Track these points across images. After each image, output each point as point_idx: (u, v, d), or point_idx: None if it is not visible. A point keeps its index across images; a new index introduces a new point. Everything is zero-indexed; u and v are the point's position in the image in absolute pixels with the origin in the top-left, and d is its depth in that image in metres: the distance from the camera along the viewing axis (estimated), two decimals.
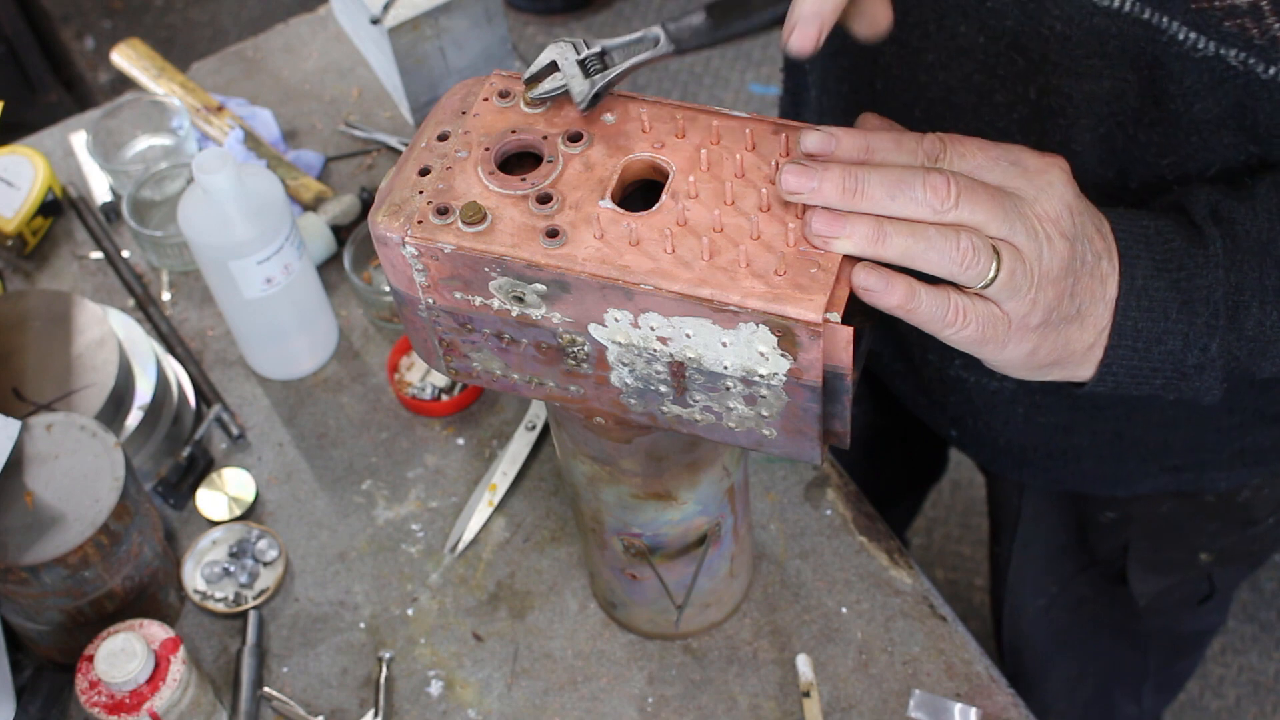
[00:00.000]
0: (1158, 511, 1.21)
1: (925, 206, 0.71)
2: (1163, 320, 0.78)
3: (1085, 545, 1.29)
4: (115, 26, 2.99)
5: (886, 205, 0.71)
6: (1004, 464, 1.22)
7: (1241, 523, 1.22)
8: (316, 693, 1.11)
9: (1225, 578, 1.31)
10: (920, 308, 0.72)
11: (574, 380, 0.81)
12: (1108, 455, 1.12)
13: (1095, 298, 0.77)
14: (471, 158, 0.78)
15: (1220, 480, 1.15)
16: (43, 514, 1.02)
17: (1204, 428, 1.07)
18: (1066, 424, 1.09)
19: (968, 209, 0.71)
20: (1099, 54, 0.83)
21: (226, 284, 1.18)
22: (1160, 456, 1.11)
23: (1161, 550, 1.26)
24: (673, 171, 0.76)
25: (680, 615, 1.03)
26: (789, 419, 0.77)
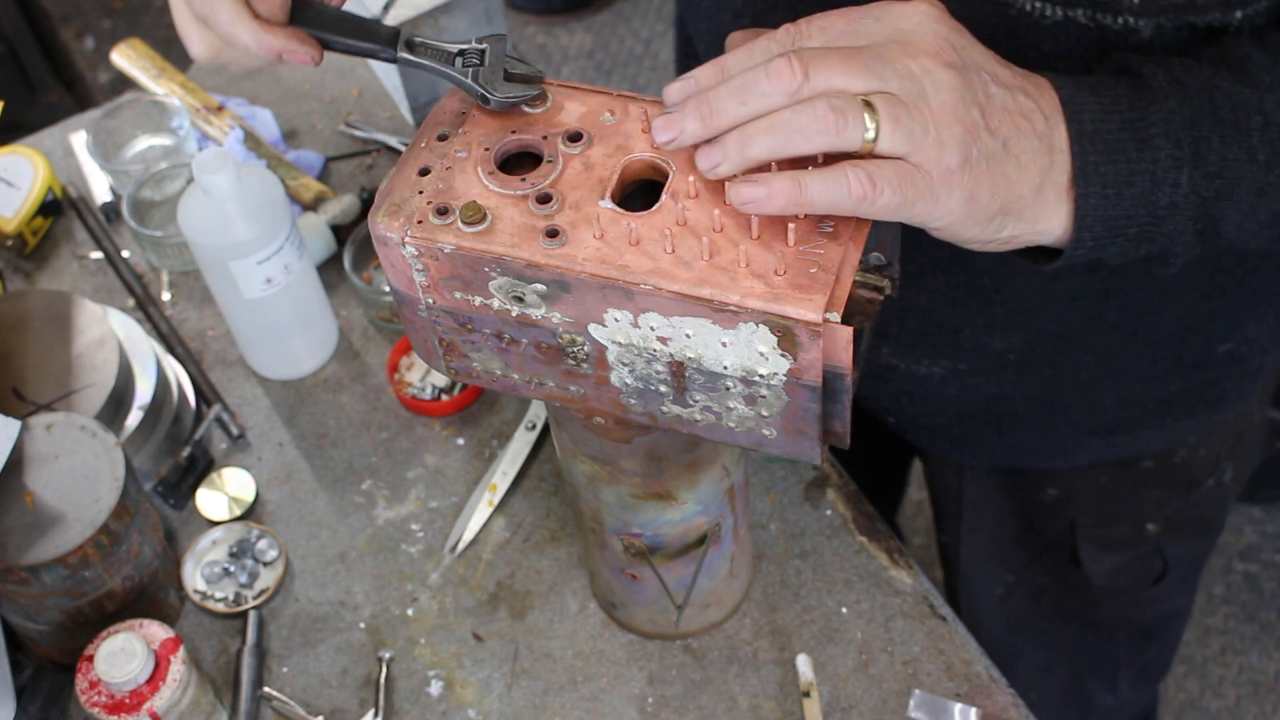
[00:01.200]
0: (1098, 483, 1.21)
1: (777, 95, 0.70)
2: (1124, 160, 0.75)
3: (1033, 530, 1.29)
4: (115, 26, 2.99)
5: (741, 112, 0.70)
6: (943, 445, 1.22)
7: (1183, 487, 1.22)
8: (316, 693, 1.11)
9: (1177, 552, 1.30)
10: (813, 195, 0.70)
11: (574, 380, 0.81)
12: (1041, 420, 1.12)
13: (1024, 133, 0.74)
14: (471, 158, 0.78)
15: (1154, 440, 1.15)
16: (43, 514, 1.02)
17: (1129, 380, 1.07)
18: (999, 392, 1.09)
19: (821, 77, 0.69)
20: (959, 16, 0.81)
21: (226, 284, 1.18)
22: (1092, 416, 1.11)
23: (1108, 525, 1.25)
24: (672, 171, 0.76)
25: (680, 615, 1.03)
26: (789, 419, 0.77)
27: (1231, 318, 1.05)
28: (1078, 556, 1.27)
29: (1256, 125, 0.76)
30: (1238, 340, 1.07)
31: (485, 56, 0.80)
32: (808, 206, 0.70)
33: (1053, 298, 1.01)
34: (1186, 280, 1.00)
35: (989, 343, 1.04)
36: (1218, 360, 1.08)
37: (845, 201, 0.70)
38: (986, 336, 1.04)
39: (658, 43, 2.97)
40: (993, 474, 1.27)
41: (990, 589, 1.38)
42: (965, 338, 1.04)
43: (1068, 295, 1.01)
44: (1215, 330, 1.05)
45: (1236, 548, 2.26)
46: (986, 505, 1.31)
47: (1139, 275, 0.99)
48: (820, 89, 0.70)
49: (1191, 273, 1.00)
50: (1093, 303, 1.01)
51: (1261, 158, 0.76)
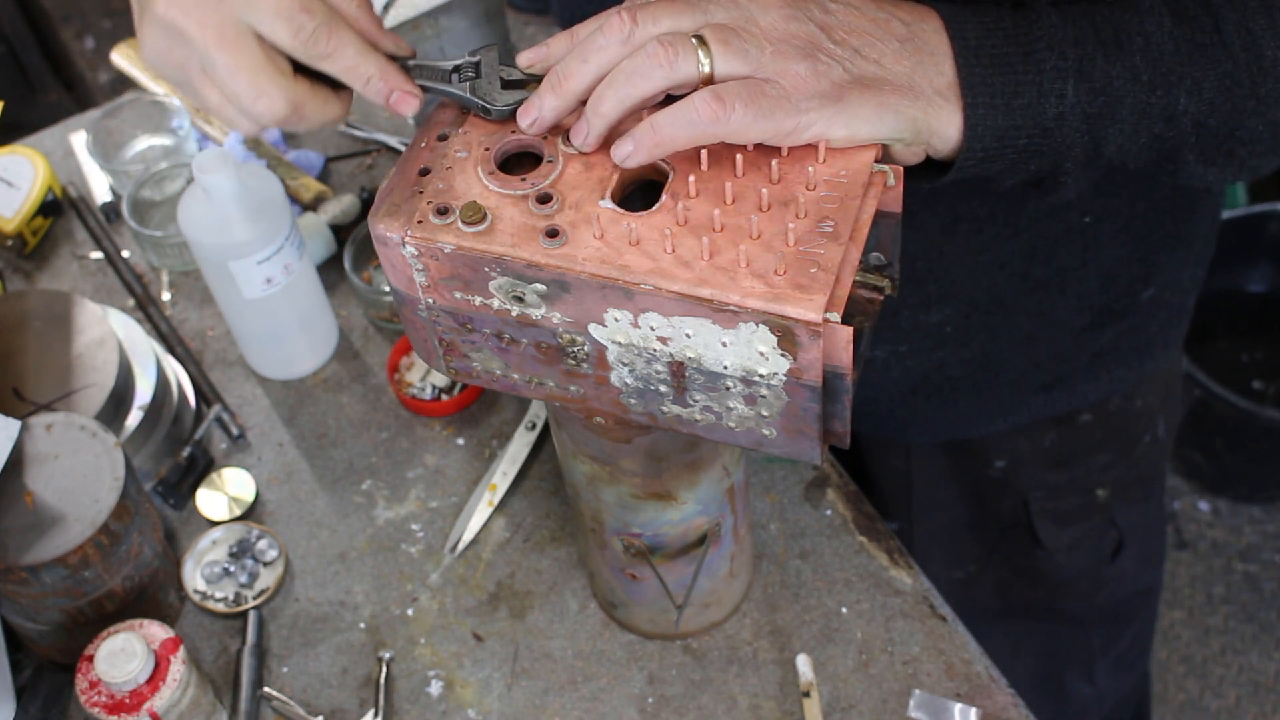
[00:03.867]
0: (1042, 448, 1.23)
1: (613, 47, 0.74)
2: (1010, 72, 0.77)
3: (986, 512, 1.30)
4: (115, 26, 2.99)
5: (586, 69, 0.74)
6: (888, 427, 1.24)
7: (1124, 445, 1.25)
8: (316, 693, 1.11)
9: (1129, 519, 1.32)
10: (668, 129, 0.73)
11: (574, 380, 0.81)
12: (982, 385, 1.14)
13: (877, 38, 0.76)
14: (471, 158, 0.78)
15: (1090, 392, 1.17)
16: (43, 514, 1.02)
17: (1061, 333, 1.10)
18: (938, 362, 1.12)
19: (649, 22, 0.73)
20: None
21: (226, 284, 1.18)
22: (1030, 374, 1.14)
23: (1059, 496, 1.27)
24: (672, 171, 0.76)
25: (680, 615, 1.03)
26: (789, 419, 0.77)
27: (1151, 263, 1.08)
28: (1036, 535, 1.29)
29: (1139, 46, 0.77)
30: (1159, 285, 1.10)
31: (480, 68, 0.80)
32: (670, 140, 0.73)
33: (983, 267, 1.04)
34: (1105, 231, 1.03)
35: (925, 319, 1.07)
36: (1143, 306, 1.11)
37: (699, 125, 0.73)
38: (923, 314, 1.07)
39: None
40: (939, 452, 1.28)
41: (949, 574, 1.38)
42: (903, 318, 1.07)
43: (996, 262, 1.03)
44: (1137, 276, 1.08)
45: (1236, 548, 2.26)
46: (936, 486, 1.32)
47: (1061, 232, 1.02)
48: (650, 33, 0.73)
49: (1109, 224, 1.03)
50: (1020, 265, 1.04)
51: (1144, 77, 0.78)
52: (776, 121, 0.73)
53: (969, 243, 1.02)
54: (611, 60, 0.74)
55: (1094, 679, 1.47)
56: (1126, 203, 1.03)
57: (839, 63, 0.74)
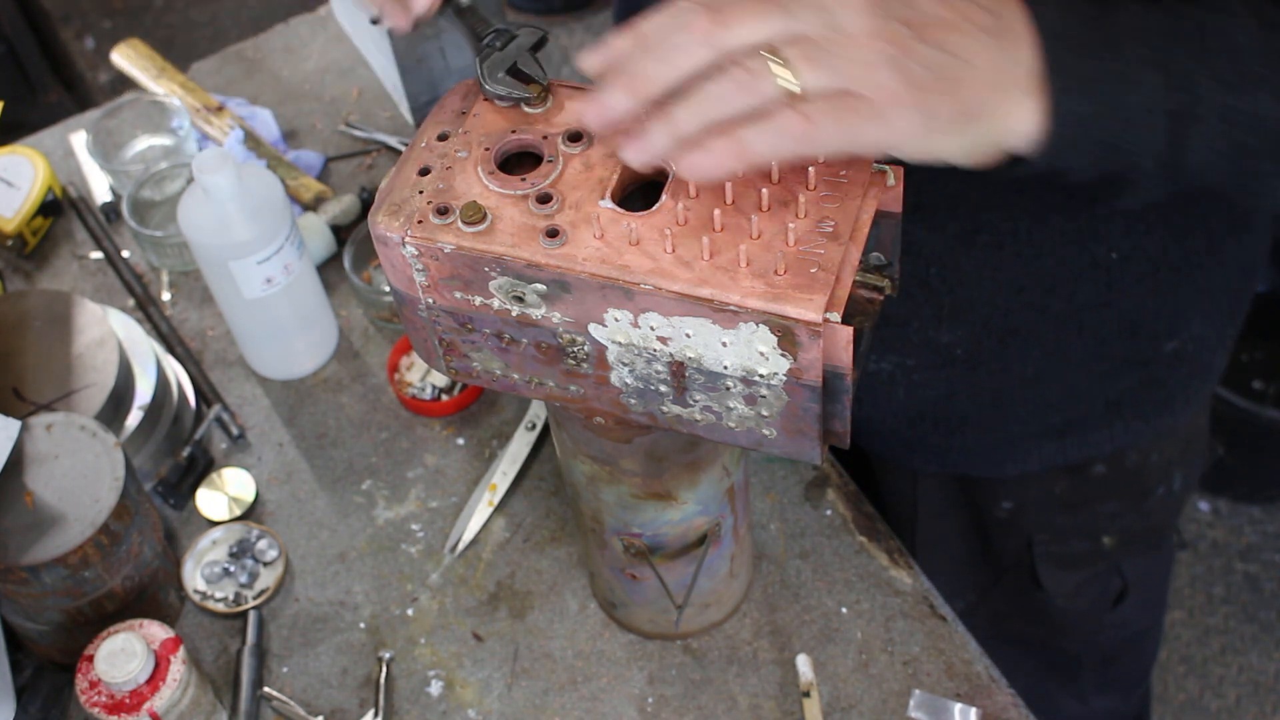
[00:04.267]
0: (1051, 494, 1.20)
1: (694, 50, 0.68)
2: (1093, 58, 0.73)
3: (990, 549, 1.29)
4: (115, 26, 2.99)
5: (664, 73, 0.69)
6: (895, 449, 1.22)
7: (1136, 496, 1.22)
8: (316, 693, 1.11)
9: (1135, 569, 1.30)
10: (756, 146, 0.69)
11: (574, 380, 0.81)
12: (991, 421, 1.12)
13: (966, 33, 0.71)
14: (471, 157, 0.78)
15: (1104, 442, 1.14)
16: (43, 514, 1.02)
17: (1075, 378, 1.07)
18: (947, 391, 1.09)
19: (739, 25, 0.68)
20: None
21: (226, 284, 1.18)
22: (1039, 415, 1.11)
23: (1065, 541, 1.25)
24: (672, 171, 0.76)
25: (680, 615, 1.03)
26: (789, 419, 0.77)
27: (1177, 315, 1.05)
28: (1037, 577, 1.26)
29: (1222, 46, 0.74)
30: (1184, 338, 1.07)
31: (506, 45, 0.80)
32: (750, 156, 0.69)
33: (1000, 288, 1.01)
34: (1131, 274, 1.00)
35: (936, 336, 1.05)
36: (1165, 358, 1.08)
37: (787, 143, 0.69)
38: (934, 330, 1.05)
39: None
40: (947, 485, 1.26)
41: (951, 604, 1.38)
42: (913, 330, 1.05)
43: (1014, 285, 1.01)
44: (1161, 327, 1.05)
45: (1236, 548, 2.26)
46: (941, 518, 1.30)
47: (1086, 265, 0.99)
48: (733, 39, 0.68)
49: (1136, 266, 1.00)
50: (1039, 294, 1.02)
51: (1228, 78, 0.74)
52: (864, 137, 0.70)
53: (987, 257, 0.99)
54: (693, 65, 0.68)
55: (1085, 698, 1.46)
56: (1157, 246, 0.99)
57: (930, 70, 0.70)
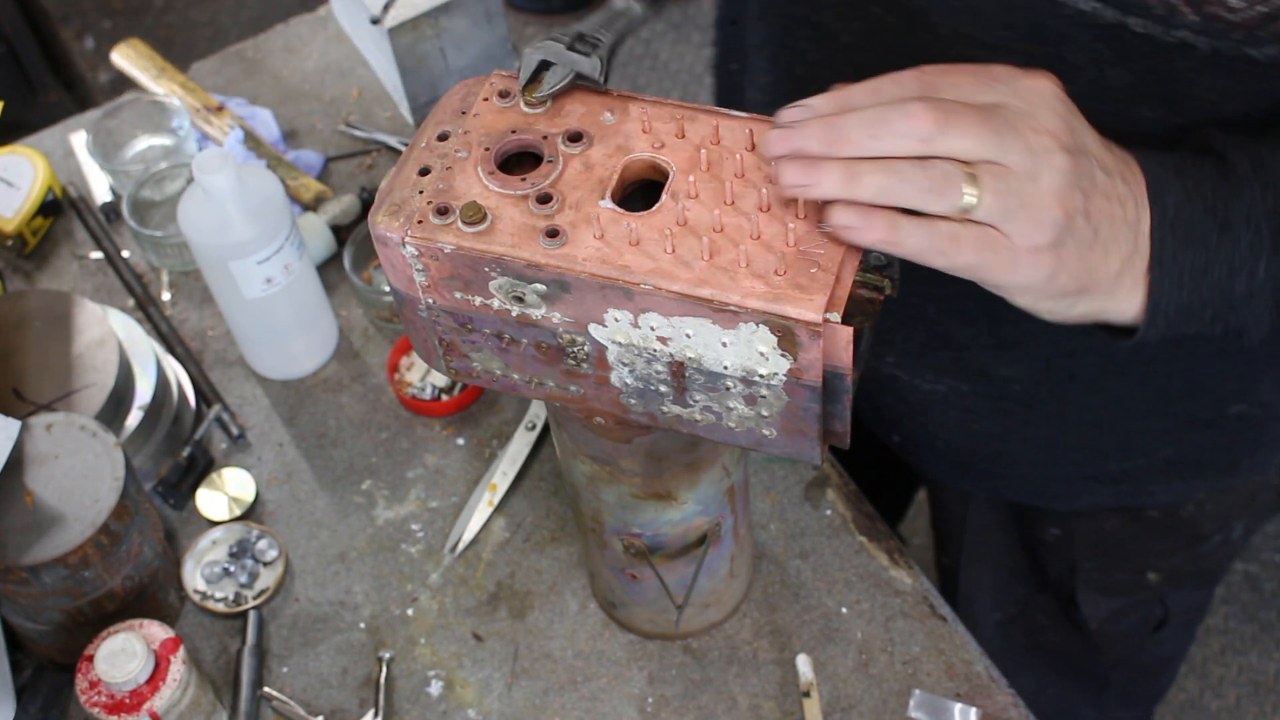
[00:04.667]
0: (1102, 529, 1.19)
1: (910, 139, 0.69)
2: (1204, 248, 0.75)
3: (1035, 565, 1.28)
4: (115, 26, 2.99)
5: (870, 146, 0.69)
6: (946, 470, 1.21)
7: (1188, 540, 1.20)
8: (316, 693, 1.11)
9: (1178, 600, 1.29)
10: (905, 240, 0.70)
11: (574, 380, 0.81)
12: (1042, 461, 1.10)
13: (1114, 219, 0.74)
14: (471, 158, 0.78)
15: (1160, 493, 1.13)
16: (43, 514, 1.02)
17: (1134, 430, 1.05)
18: (1000, 430, 1.08)
19: (955, 134, 0.69)
20: (1006, 25, 0.81)
21: (226, 284, 1.18)
22: (1094, 462, 1.09)
23: (1109, 570, 1.24)
24: (673, 171, 0.76)
25: (680, 615, 1.03)
26: (789, 419, 0.77)
27: (1246, 378, 1.02)
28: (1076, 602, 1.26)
29: None
30: (1251, 403, 1.04)
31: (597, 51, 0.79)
32: (896, 246, 0.70)
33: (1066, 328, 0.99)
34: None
35: (995, 368, 1.03)
36: (1230, 422, 1.05)
37: (928, 252, 0.70)
38: (993, 360, 1.02)
39: (658, 43, 2.97)
40: (996, 506, 1.25)
41: (989, 615, 1.37)
42: (970, 357, 1.03)
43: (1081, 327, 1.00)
44: (1228, 389, 1.02)
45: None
46: (989, 537, 1.29)
47: None
48: (952, 148, 0.69)
49: None
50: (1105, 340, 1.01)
51: None
52: (989, 277, 0.72)
53: None
54: (901, 151, 0.69)
55: (1104, 708, 1.46)
56: None
57: (1076, 244, 0.72)
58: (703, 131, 0.77)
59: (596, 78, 0.78)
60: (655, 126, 0.78)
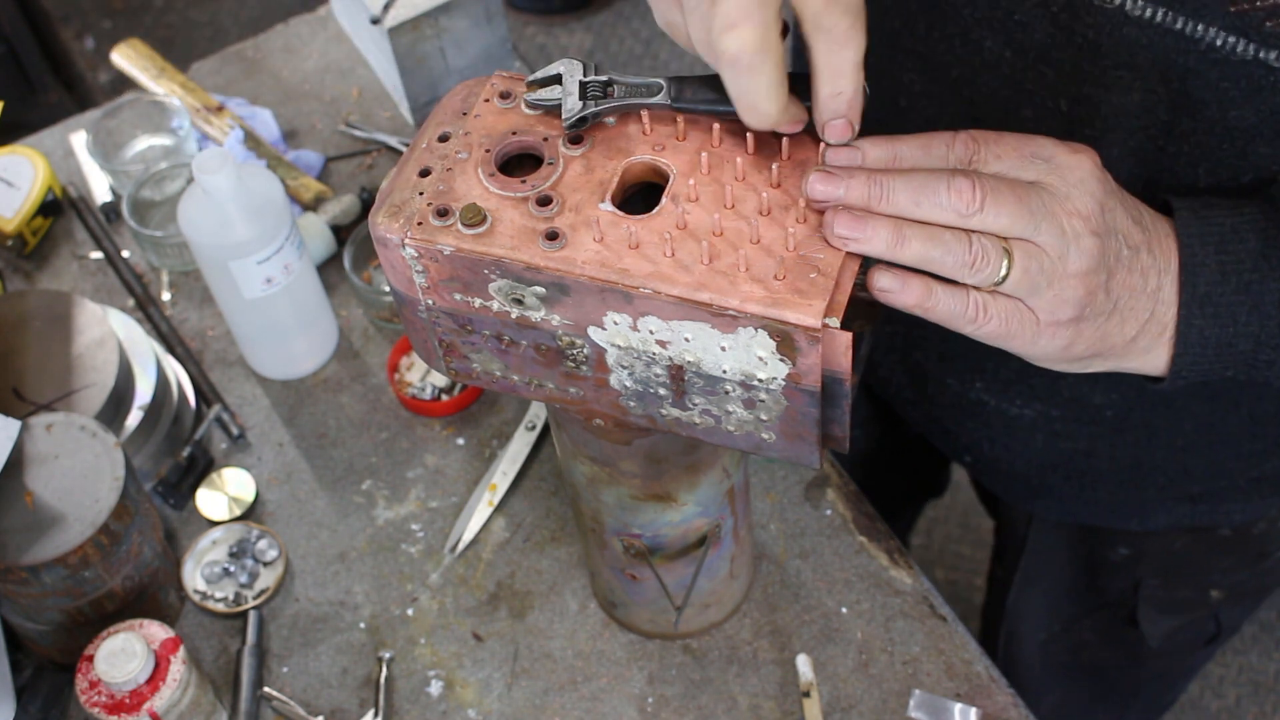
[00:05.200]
0: (1171, 548, 1.20)
1: (950, 211, 0.71)
2: (1231, 325, 0.78)
3: (1093, 585, 1.28)
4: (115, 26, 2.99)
5: (911, 211, 0.72)
6: (1017, 493, 1.21)
7: (1254, 557, 1.21)
8: (316, 693, 1.11)
9: (1230, 616, 1.30)
10: (938, 306, 0.73)
11: (573, 382, 0.81)
12: (1126, 481, 1.11)
13: (1134, 291, 0.77)
14: (472, 159, 0.78)
15: (1236, 512, 1.13)
16: (43, 514, 1.02)
17: (1225, 453, 1.06)
18: (1087, 448, 1.09)
19: (992, 213, 0.72)
20: (1129, 65, 0.82)
21: (226, 284, 1.18)
22: (1179, 483, 1.10)
23: (1173, 589, 1.25)
24: (673, 174, 0.76)
25: (679, 616, 1.03)
26: (788, 423, 0.77)
27: None
28: (1134, 618, 1.26)
29: None
30: None
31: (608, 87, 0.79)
32: (929, 311, 0.73)
33: None
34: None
35: (1089, 396, 1.04)
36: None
37: (958, 319, 0.73)
38: (1088, 388, 1.04)
39: (658, 43, 2.97)
40: (1063, 527, 1.25)
41: (1034, 634, 1.37)
42: (1065, 385, 1.04)
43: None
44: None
45: None
46: (1049, 559, 1.30)
47: None
48: (988, 224, 0.72)
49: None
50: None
51: None
52: (1010, 344, 0.75)
53: None
54: (939, 220, 0.72)
55: (1124, 715, 1.47)
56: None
57: (1095, 317, 0.76)
58: (703, 135, 0.77)
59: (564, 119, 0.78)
60: (656, 129, 0.78)
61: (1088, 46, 0.83)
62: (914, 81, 0.95)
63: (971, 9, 0.88)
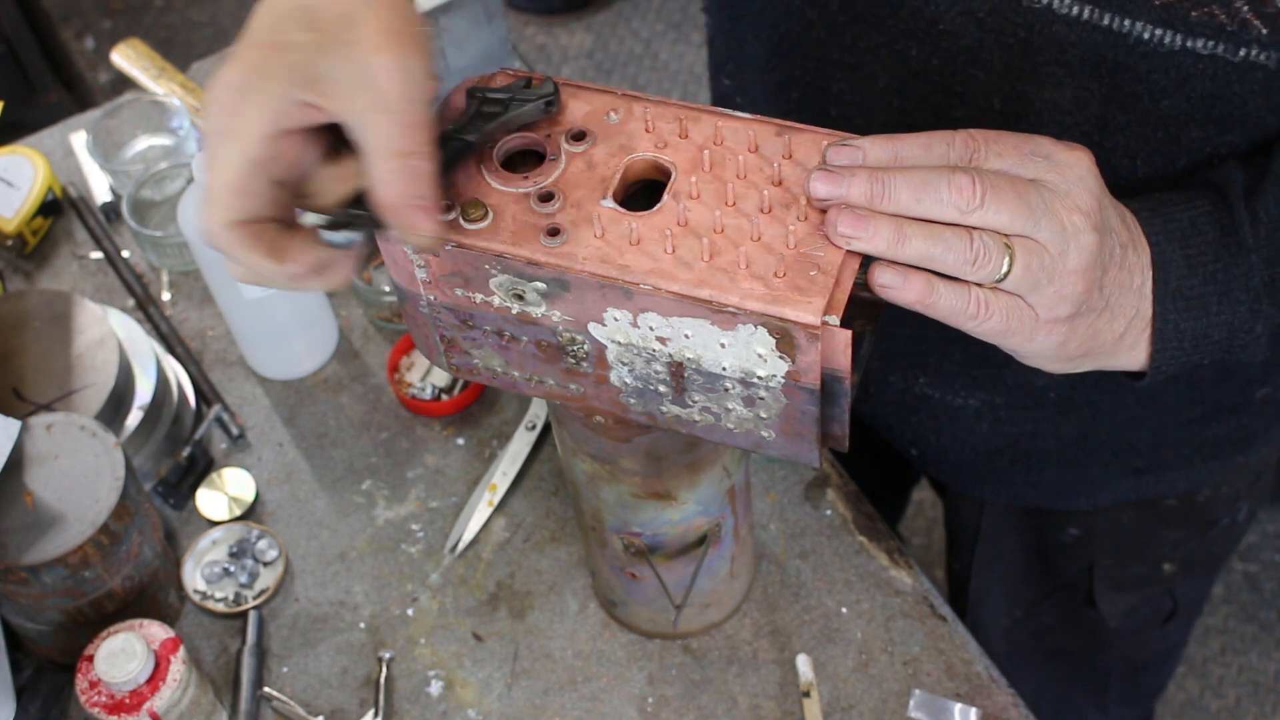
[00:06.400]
0: (1120, 523, 1.21)
1: (950, 208, 0.72)
2: (1204, 316, 0.79)
3: (1048, 568, 1.29)
4: (115, 26, 2.99)
5: (911, 207, 0.72)
6: (965, 481, 1.22)
7: (1201, 526, 1.23)
8: (316, 693, 1.11)
9: (1186, 591, 1.31)
10: (939, 302, 0.73)
11: (574, 379, 0.81)
12: (1072, 460, 1.12)
13: (1123, 288, 0.78)
14: (474, 155, 0.78)
15: (1180, 480, 1.15)
16: (43, 514, 1.02)
17: (1166, 423, 1.08)
18: (1033, 430, 1.10)
19: (993, 209, 0.72)
20: (1059, 62, 0.83)
21: (226, 284, 1.18)
22: (1124, 457, 1.12)
23: (1126, 565, 1.26)
24: (675, 171, 0.76)
25: (678, 615, 1.03)
26: (787, 421, 0.77)
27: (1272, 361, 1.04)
28: (1092, 598, 1.28)
29: None
30: (1275, 384, 1.07)
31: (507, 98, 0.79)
32: (931, 308, 0.73)
33: None
34: None
35: (1032, 380, 1.04)
36: (1255, 404, 1.08)
37: (959, 315, 0.74)
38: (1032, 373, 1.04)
39: (658, 43, 2.97)
40: (1012, 513, 1.27)
41: (996, 620, 1.38)
42: (1009, 374, 1.05)
43: None
44: (1255, 374, 1.06)
45: (1237, 548, 2.26)
46: (1003, 543, 1.31)
47: None
48: (988, 221, 0.72)
49: None
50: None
51: None
52: (1008, 341, 0.76)
53: None
54: (940, 217, 0.72)
55: (1106, 709, 1.47)
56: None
57: (1091, 314, 0.76)
58: (705, 132, 0.77)
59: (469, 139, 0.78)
60: (658, 126, 0.78)
61: (1017, 46, 0.84)
62: (844, 91, 0.96)
63: (896, 20, 0.89)
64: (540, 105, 0.78)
